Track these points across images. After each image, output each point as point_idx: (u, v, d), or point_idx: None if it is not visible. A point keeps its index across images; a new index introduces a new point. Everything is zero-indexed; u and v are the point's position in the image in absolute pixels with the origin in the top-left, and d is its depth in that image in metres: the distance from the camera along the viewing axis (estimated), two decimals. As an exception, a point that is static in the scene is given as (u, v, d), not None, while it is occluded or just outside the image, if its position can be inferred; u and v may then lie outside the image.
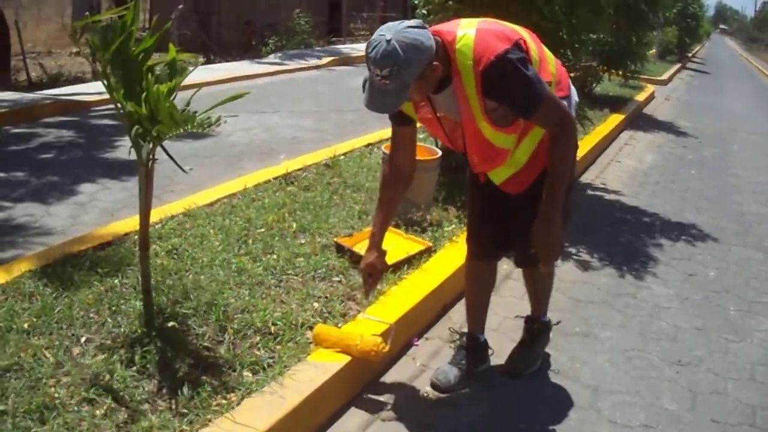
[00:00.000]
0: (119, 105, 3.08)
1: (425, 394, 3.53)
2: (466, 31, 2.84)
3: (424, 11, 6.63)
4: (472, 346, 3.71)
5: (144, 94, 2.99)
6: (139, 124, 3.03)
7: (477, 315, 3.75)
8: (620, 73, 14.20)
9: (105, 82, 3.07)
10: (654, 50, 21.47)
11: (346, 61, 17.54)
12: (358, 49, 20.17)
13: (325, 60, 16.76)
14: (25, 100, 9.95)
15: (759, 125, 15.01)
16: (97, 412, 2.85)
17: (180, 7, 15.53)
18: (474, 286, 3.74)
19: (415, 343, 4.01)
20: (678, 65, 27.32)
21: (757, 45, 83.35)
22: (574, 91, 3.28)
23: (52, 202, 5.85)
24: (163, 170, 6.50)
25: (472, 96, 2.85)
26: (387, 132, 3.55)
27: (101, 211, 5.64)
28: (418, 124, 3.26)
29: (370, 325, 3.61)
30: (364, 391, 3.51)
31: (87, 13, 3.28)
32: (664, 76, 21.36)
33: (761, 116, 16.99)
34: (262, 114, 3.74)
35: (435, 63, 2.74)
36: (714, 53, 51.88)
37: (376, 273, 3.41)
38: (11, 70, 15.80)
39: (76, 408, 2.85)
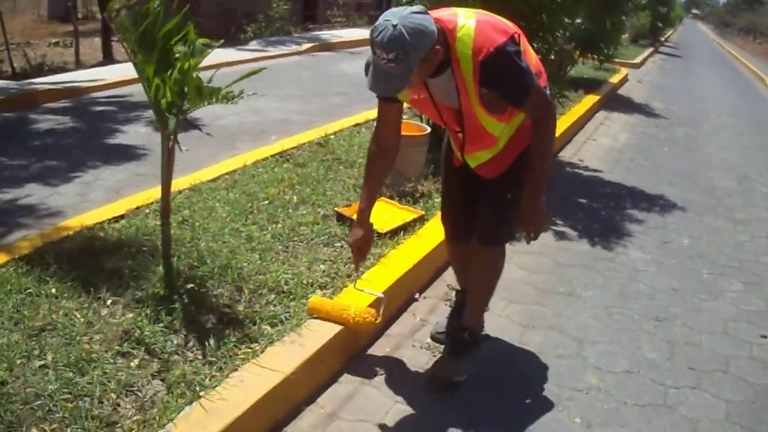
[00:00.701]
0: (147, 81, 3.34)
1: (425, 345, 3.85)
2: (466, 21, 2.93)
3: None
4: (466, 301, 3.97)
5: (170, 71, 3.28)
6: (165, 98, 3.30)
7: (465, 277, 3.91)
8: (595, 56, 14.47)
9: (134, 60, 3.34)
10: (627, 34, 21.73)
11: (326, 47, 17.68)
12: (337, 35, 20.35)
13: (305, 46, 16.88)
14: (15, 87, 10.07)
15: (730, 107, 15.44)
16: (132, 363, 3.10)
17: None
18: (455, 264, 3.98)
19: (416, 298, 4.36)
20: (650, 49, 27.57)
21: (728, 30, 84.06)
22: (547, 87, 3.36)
23: (57, 182, 6.03)
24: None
25: (469, 82, 2.96)
26: (373, 113, 3.79)
27: (107, 189, 5.85)
28: (405, 105, 3.42)
29: (361, 296, 3.72)
30: (371, 342, 3.84)
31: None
32: (637, 60, 21.67)
33: (732, 98, 17.43)
34: (249, 98, 3.90)
35: (437, 47, 2.85)
36: (686, 38, 52.32)
37: (364, 247, 3.42)
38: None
39: (111, 360, 3.09)
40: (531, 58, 3.18)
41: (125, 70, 11.94)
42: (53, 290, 3.61)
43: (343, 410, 3.26)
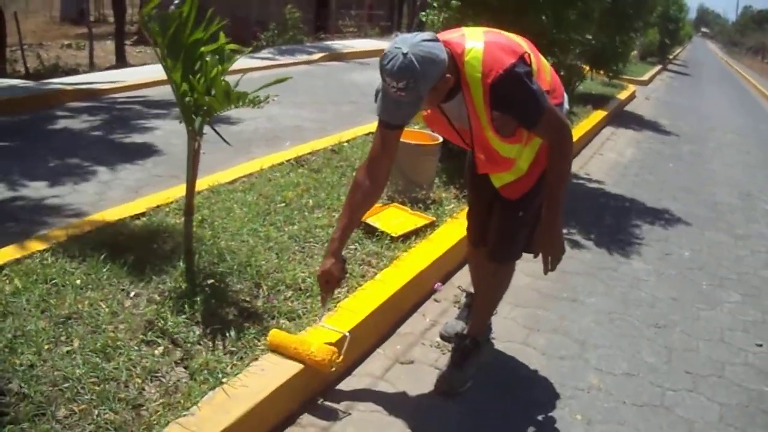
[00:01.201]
0: (175, 84, 3.52)
1: (435, 344, 4.03)
2: (474, 43, 2.92)
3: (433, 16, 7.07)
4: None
5: (199, 75, 3.46)
6: (193, 101, 3.48)
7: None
8: (603, 72, 14.61)
9: (163, 63, 3.52)
10: (635, 51, 21.88)
11: (337, 57, 17.87)
12: (348, 45, 20.56)
13: (317, 55, 17.08)
14: (34, 87, 10.26)
15: (735, 125, 15.61)
16: (156, 351, 3.26)
17: (176, 2, 15.85)
18: (470, 263, 4.07)
19: (438, 288, 4.61)
20: (659, 66, 27.81)
21: (737, 49, 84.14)
22: (566, 98, 3.39)
23: (77, 180, 6.20)
24: (179, 153, 7.00)
25: (479, 106, 2.95)
26: None
27: (126, 189, 6.03)
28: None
29: (325, 333, 3.52)
30: (383, 340, 4.02)
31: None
32: (645, 77, 21.87)
33: (738, 117, 17.60)
34: (264, 104, 4.09)
35: (448, 75, 2.85)
36: (695, 56, 52.53)
37: (332, 280, 3.21)
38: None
39: (136, 348, 3.25)
40: (545, 74, 3.19)
41: (141, 74, 12.21)
42: (78, 281, 3.76)
43: (358, 402, 3.43)
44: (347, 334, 3.51)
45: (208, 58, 3.52)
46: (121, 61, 18.04)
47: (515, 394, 3.68)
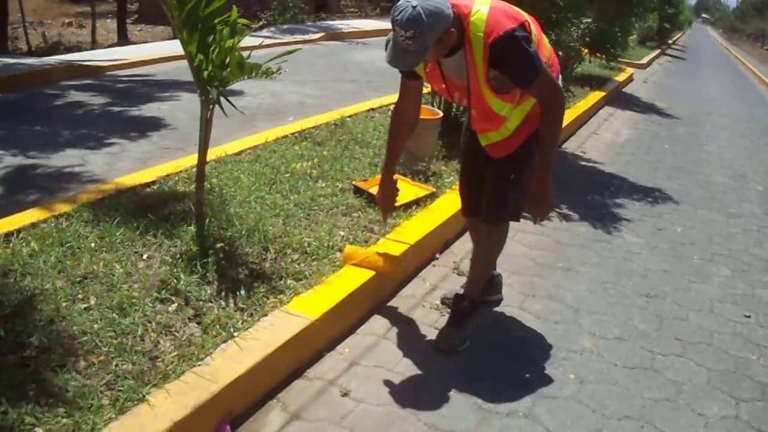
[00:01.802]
0: (190, 56, 3.66)
1: (434, 306, 4.21)
2: (480, 7, 3.15)
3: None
4: None
5: (213, 47, 3.61)
6: (208, 71, 3.63)
7: None
8: (602, 55, 14.71)
9: (180, 36, 3.66)
10: (634, 35, 21.94)
11: (338, 36, 17.98)
12: (349, 25, 20.68)
13: (318, 35, 17.19)
14: (39, 63, 10.39)
15: (732, 109, 15.78)
16: (170, 308, 3.43)
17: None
18: (471, 234, 4.23)
19: (437, 256, 4.82)
20: (657, 51, 27.86)
21: (738, 35, 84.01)
22: (560, 77, 3.61)
23: (85, 153, 6.37)
24: (185, 127, 7.16)
25: (479, 64, 3.18)
26: (387, 99, 4.10)
27: (134, 160, 6.19)
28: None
29: (391, 245, 4.26)
30: (384, 302, 4.20)
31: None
32: (644, 60, 21.96)
33: (735, 101, 17.76)
34: (266, 81, 4.14)
35: (452, 30, 3.08)
36: (694, 41, 52.54)
37: (391, 198, 3.87)
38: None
39: (151, 305, 3.42)
40: (544, 48, 3.42)
41: (144, 51, 12.34)
42: (92, 244, 3.92)
43: (361, 357, 3.62)
44: (410, 246, 4.35)
45: (222, 31, 3.67)
46: (123, 39, 18.11)
47: (511, 353, 3.85)
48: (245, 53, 3.65)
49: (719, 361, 4.06)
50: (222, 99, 3.78)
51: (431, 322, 4.04)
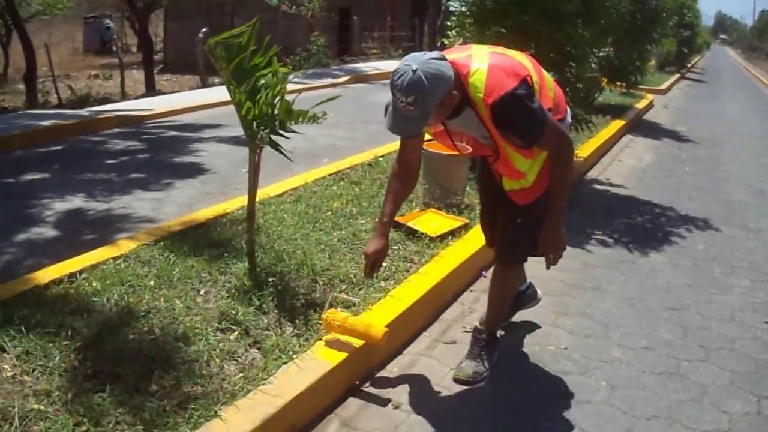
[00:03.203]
0: (239, 104, 4.03)
1: (472, 328, 4.51)
2: (479, 65, 3.12)
3: (455, 31, 7.55)
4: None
5: (260, 95, 3.98)
6: (257, 117, 4.00)
7: None
8: (621, 84, 14.97)
9: (228, 86, 4.04)
10: (653, 61, 22.16)
11: (363, 78, 18.43)
12: (373, 67, 21.17)
13: (344, 78, 17.63)
14: (80, 115, 10.95)
15: (752, 129, 16.00)
16: (231, 336, 3.74)
17: (204, 30, 16.45)
18: None
19: (484, 275, 5.17)
20: (677, 75, 28.11)
21: (756, 54, 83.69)
22: (569, 111, 3.63)
23: (132, 199, 6.79)
24: (225, 172, 7.55)
25: (488, 124, 3.19)
26: None
27: (179, 204, 6.59)
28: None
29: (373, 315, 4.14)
30: (429, 324, 4.56)
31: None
32: (663, 86, 22.27)
33: (755, 121, 18.00)
34: (297, 126, 4.40)
35: (454, 92, 3.07)
36: (713, 63, 52.70)
37: (380, 257, 3.63)
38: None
39: (213, 334, 3.73)
40: (548, 90, 3.39)
41: (175, 101, 12.90)
42: (151, 283, 4.25)
43: (409, 375, 3.96)
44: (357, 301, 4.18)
45: (269, 79, 4.01)
46: (151, 89, 18.57)
47: (547, 365, 4.16)
48: (289, 98, 4.01)
49: (741, 364, 4.32)
50: (271, 143, 4.14)
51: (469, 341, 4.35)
